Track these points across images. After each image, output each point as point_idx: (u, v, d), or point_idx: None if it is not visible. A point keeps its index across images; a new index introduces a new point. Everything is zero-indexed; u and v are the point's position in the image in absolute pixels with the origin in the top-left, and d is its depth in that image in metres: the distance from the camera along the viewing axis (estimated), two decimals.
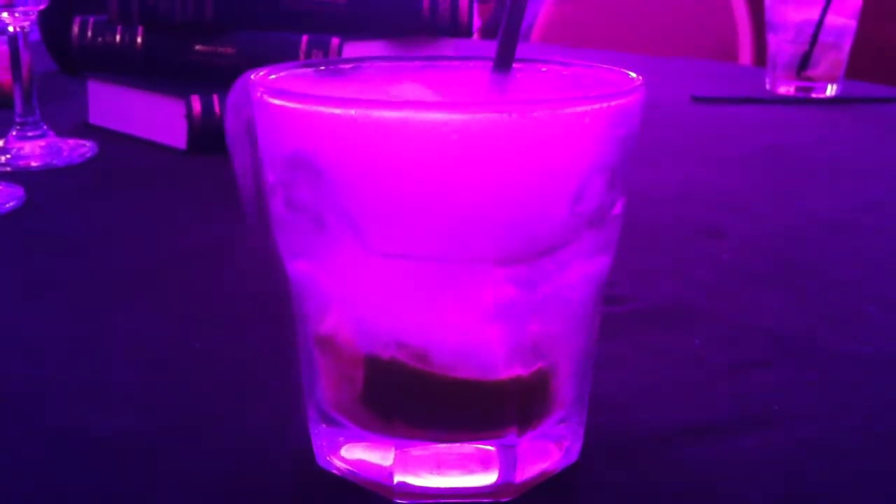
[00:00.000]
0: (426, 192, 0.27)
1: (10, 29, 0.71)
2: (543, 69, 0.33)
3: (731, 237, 0.58)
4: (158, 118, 0.78)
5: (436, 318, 0.29)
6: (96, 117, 0.85)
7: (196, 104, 0.75)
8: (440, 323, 0.29)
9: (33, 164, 0.71)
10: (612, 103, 0.28)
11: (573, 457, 0.32)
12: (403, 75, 0.33)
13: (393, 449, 0.30)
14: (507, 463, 0.30)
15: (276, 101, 0.28)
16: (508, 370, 0.29)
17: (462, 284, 0.28)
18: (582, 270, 0.30)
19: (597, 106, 0.27)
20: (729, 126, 0.94)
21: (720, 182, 0.71)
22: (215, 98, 0.75)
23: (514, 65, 0.32)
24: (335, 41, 0.75)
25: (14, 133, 0.73)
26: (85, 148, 0.75)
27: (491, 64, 0.32)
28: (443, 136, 0.26)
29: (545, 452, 0.31)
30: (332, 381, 0.31)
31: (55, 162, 0.72)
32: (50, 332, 0.43)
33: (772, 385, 0.39)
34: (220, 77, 0.78)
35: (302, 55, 0.76)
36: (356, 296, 0.29)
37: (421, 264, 0.28)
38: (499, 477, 0.30)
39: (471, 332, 0.29)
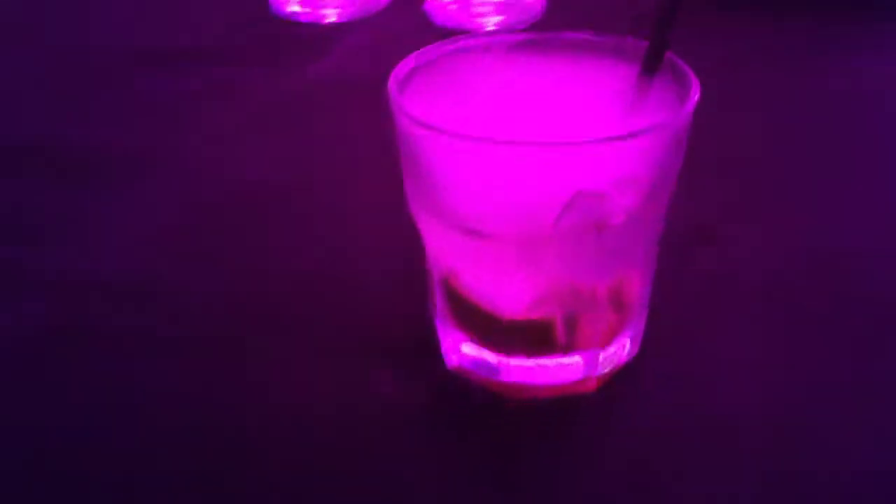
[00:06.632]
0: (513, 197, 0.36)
1: None
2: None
3: None
4: None
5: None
6: None
7: None
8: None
9: None
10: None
11: (636, 349, 0.42)
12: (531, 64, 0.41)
13: (495, 356, 0.40)
14: (590, 366, 0.40)
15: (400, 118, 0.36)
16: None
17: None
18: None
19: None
20: None
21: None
22: None
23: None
24: None
25: None
26: None
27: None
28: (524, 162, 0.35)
29: (618, 352, 0.41)
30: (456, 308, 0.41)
31: None
32: None
33: None
34: None
35: None
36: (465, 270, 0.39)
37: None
38: (582, 373, 0.41)
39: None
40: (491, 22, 0.78)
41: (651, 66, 0.38)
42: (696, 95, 0.37)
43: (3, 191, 0.58)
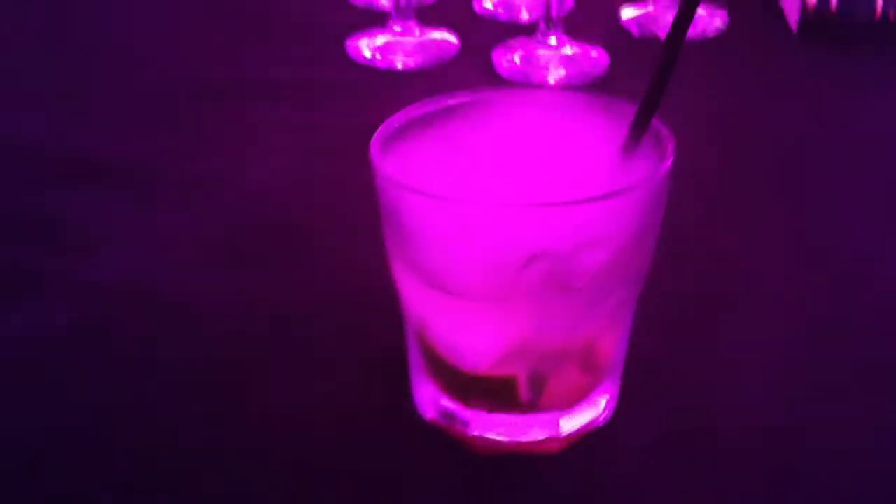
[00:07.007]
0: (474, 254, 0.36)
1: None
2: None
3: None
4: None
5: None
6: None
7: None
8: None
9: None
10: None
11: (609, 413, 0.42)
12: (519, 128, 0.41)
13: (466, 410, 0.41)
14: (553, 425, 0.40)
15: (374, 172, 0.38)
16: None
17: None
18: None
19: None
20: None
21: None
22: None
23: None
24: None
25: None
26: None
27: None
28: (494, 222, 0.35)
29: (586, 413, 0.41)
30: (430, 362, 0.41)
31: None
32: None
33: None
34: None
35: None
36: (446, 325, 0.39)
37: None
38: (547, 433, 0.40)
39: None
40: (556, 75, 0.79)
41: (639, 129, 0.38)
42: (669, 161, 0.36)
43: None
